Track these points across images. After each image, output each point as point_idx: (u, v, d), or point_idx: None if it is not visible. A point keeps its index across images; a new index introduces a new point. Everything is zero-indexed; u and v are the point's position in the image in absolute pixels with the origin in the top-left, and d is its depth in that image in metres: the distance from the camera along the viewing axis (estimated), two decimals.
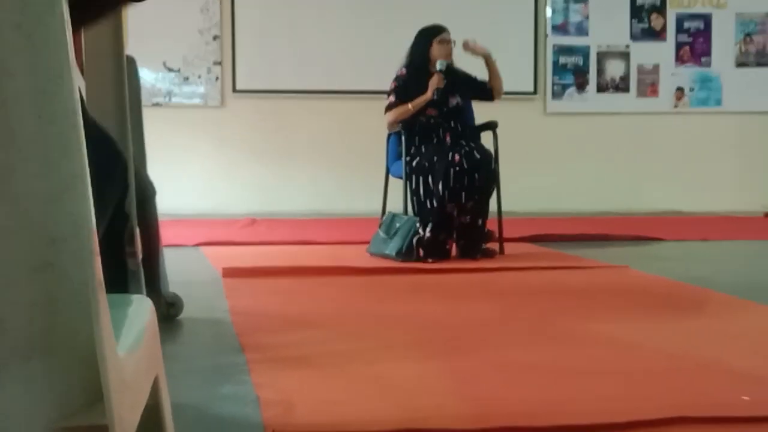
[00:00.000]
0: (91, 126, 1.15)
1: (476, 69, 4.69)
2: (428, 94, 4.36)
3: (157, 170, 2.74)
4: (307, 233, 5.39)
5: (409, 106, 4.40)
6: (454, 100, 4.49)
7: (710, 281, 3.51)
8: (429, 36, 4.51)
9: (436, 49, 4.46)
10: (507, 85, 4.47)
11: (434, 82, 4.35)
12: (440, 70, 4.37)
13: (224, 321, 2.73)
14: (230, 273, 3.64)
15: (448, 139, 4.39)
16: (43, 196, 0.57)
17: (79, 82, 1.62)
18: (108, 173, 1.14)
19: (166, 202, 3.18)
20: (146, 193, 2.49)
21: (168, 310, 2.68)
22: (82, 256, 0.58)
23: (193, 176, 7.08)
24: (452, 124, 4.45)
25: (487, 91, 4.60)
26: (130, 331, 0.80)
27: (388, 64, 4.90)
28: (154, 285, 2.49)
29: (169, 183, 5.44)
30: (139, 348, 0.80)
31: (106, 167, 1.14)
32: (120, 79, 1.33)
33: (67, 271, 0.57)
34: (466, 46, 4.55)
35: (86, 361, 0.60)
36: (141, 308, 0.92)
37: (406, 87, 4.46)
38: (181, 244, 4.68)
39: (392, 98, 4.49)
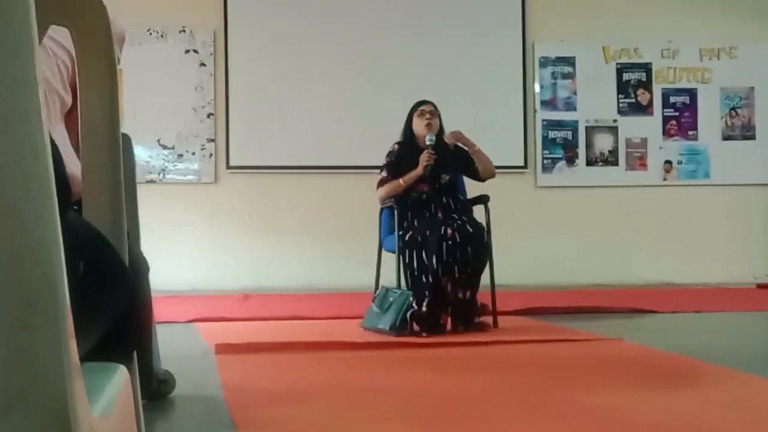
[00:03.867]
0: (85, 231, 1.17)
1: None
2: (419, 170, 4.41)
3: (150, 246, 2.76)
4: (300, 308, 5.37)
5: (401, 182, 4.44)
6: (446, 176, 4.53)
7: (704, 353, 3.51)
8: (411, 110, 4.59)
9: (416, 122, 4.55)
10: (498, 159, 4.49)
11: (424, 159, 4.39)
12: (429, 145, 4.43)
13: (216, 397, 2.71)
14: (223, 349, 3.63)
15: (439, 213, 4.43)
16: (18, 259, 0.61)
17: (75, 164, 1.65)
18: (105, 283, 1.16)
19: (159, 278, 3.18)
20: (139, 270, 2.50)
21: (160, 388, 2.66)
22: (56, 316, 0.62)
23: (186, 252, 7.09)
24: (444, 200, 4.48)
25: (476, 171, 4.60)
26: (103, 394, 0.84)
27: (378, 139, 4.99)
28: (146, 362, 2.47)
29: (162, 259, 5.45)
30: (112, 410, 0.85)
31: (102, 277, 1.15)
32: (115, 158, 1.35)
33: (40, 330, 0.62)
34: (449, 138, 4.54)
35: (61, 419, 0.64)
36: (115, 375, 0.97)
37: (398, 162, 4.51)
38: (174, 321, 4.67)
39: (384, 173, 4.54)
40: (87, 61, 1.23)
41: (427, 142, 4.43)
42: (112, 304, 1.16)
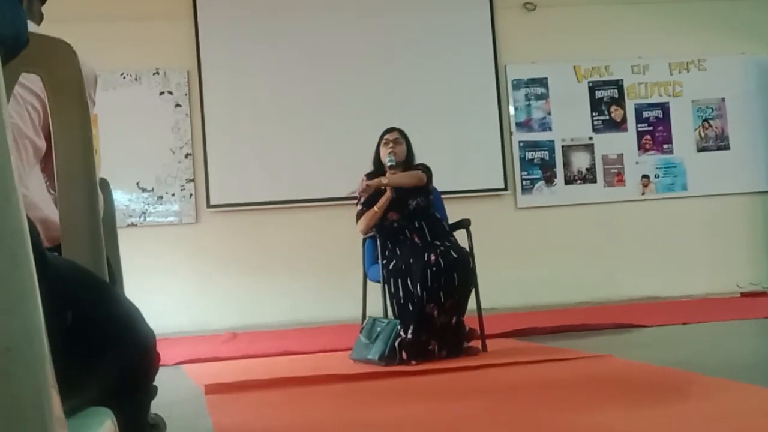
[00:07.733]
0: (71, 271, 1.16)
1: (436, 158, 4.79)
2: (387, 193, 4.51)
3: (134, 290, 2.73)
4: (288, 344, 5.34)
5: (375, 208, 4.51)
6: (414, 201, 4.57)
7: (693, 364, 3.51)
8: (379, 139, 4.70)
9: (381, 151, 4.67)
10: (478, 182, 4.52)
11: (381, 181, 4.52)
12: (390, 166, 4.56)
13: None
14: (213, 389, 3.59)
15: (416, 239, 4.45)
16: None
17: (52, 209, 1.64)
18: (106, 333, 1.15)
19: None
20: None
21: None
22: (35, 364, 0.61)
23: (171, 294, 7.05)
24: (417, 225, 4.51)
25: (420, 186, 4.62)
26: None
27: (358, 170, 4.99)
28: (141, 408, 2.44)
29: (147, 302, 5.39)
30: None
31: (103, 327, 1.15)
32: (93, 201, 1.34)
33: (21, 378, 0.61)
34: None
35: None
36: (101, 418, 0.95)
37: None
38: (162, 364, 4.61)
39: (359, 206, 4.61)
40: (59, 106, 1.22)
41: (387, 164, 4.55)
42: (114, 353, 1.15)
